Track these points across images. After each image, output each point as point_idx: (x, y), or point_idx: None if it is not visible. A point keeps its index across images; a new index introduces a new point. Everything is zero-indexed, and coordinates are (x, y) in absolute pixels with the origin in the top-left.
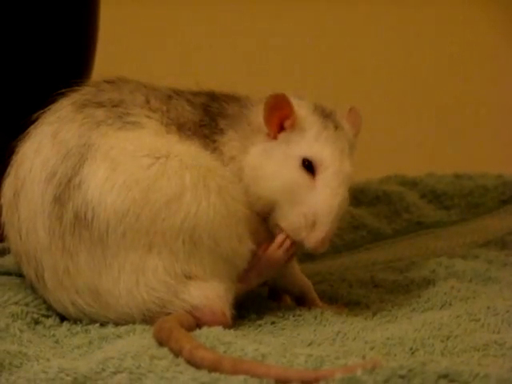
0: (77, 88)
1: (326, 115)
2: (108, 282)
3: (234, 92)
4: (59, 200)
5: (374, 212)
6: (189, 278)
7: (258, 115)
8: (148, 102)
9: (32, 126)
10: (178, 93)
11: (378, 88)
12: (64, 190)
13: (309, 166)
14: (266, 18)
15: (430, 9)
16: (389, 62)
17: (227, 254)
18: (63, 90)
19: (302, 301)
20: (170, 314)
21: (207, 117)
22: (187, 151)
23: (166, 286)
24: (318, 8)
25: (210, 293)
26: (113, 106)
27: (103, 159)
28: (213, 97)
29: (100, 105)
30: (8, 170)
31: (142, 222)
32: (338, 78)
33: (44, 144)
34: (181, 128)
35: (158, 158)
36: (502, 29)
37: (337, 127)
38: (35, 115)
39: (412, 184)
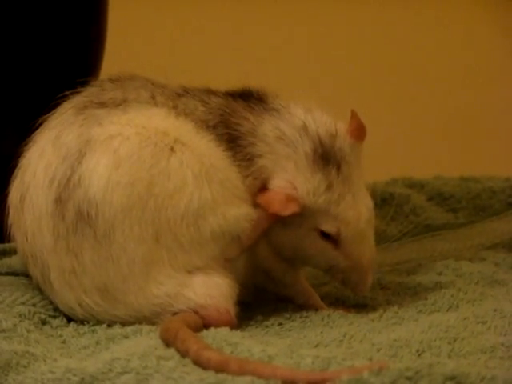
0: (79, 90)
1: (326, 160)
2: (116, 278)
3: (251, 97)
4: (60, 200)
5: (381, 214)
6: (192, 272)
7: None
8: (153, 97)
9: (36, 132)
10: (190, 91)
11: (385, 90)
12: (64, 190)
13: (328, 235)
14: (271, 17)
15: (441, 9)
16: (396, 64)
17: (230, 233)
18: (66, 93)
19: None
20: (176, 313)
21: (223, 125)
22: (197, 142)
23: (171, 279)
24: (324, 9)
25: (214, 291)
26: (115, 106)
27: (103, 152)
28: (230, 104)
29: (102, 105)
30: (15, 173)
31: (148, 214)
32: (344, 80)
33: (46, 149)
34: (192, 121)
35: (163, 151)
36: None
37: (339, 166)
38: (39, 120)
39: (419, 186)
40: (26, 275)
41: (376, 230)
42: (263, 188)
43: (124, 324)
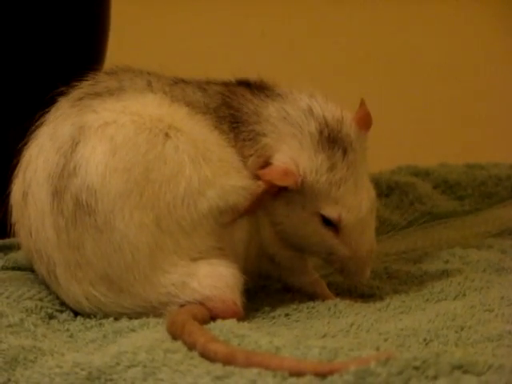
0: (75, 84)
1: (332, 142)
2: (120, 267)
3: (249, 85)
4: (56, 192)
5: (387, 203)
6: (196, 261)
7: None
8: (149, 84)
9: (34, 129)
10: (187, 81)
11: (390, 78)
12: (59, 181)
13: (330, 222)
14: (273, 12)
15: (446, 2)
16: (400, 53)
17: (226, 203)
18: (62, 89)
19: (314, 298)
20: (183, 305)
21: (225, 107)
22: (191, 128)
23: (176, 267)
24: (328, 3)
25: (219, 282)
26: (110, 95)
27: (99, 139)
28: (231, 90)
29: (97, 95)
30: (16, 171)
31: (147, 199)
32: (348, 68)
33: (45, 144)
34: (189, 105)
35: (158, 136)
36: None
37: (345, 151)
38: (38, 117)
39: (424, 174)
40: (32, 270)
41: (381, 218)
42: (265, 165)
43: (131, 317)
